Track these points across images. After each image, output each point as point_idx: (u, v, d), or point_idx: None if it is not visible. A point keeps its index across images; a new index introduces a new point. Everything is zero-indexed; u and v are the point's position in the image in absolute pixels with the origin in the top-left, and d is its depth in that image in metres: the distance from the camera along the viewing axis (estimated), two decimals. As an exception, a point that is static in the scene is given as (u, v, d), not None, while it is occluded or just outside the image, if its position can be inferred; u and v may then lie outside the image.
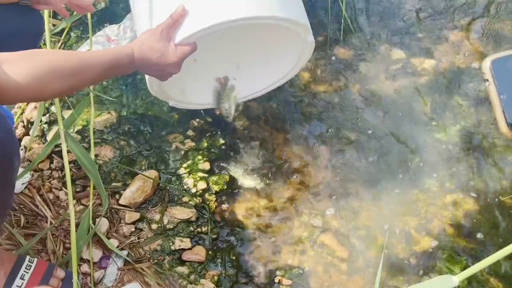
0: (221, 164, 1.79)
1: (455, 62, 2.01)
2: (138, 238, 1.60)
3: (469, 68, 2.00)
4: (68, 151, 1.49)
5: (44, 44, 1.65)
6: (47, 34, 1.59)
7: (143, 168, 1.75)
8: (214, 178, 1.74)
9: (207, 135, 1.84)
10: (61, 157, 1.72)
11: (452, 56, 2.04)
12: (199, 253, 1.58)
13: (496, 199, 1.68)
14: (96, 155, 1.72)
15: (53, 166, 1.72)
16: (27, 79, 0.93)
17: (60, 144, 1.67)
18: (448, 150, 1.79)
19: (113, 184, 1.70)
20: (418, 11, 2.19)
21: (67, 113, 1.78)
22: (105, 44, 1.96)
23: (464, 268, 1.52)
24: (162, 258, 1.56)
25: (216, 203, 1.69)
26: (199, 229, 1.63)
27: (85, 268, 1.49)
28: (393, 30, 2.13)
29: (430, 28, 2.13)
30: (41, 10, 1.41)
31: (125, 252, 1.54)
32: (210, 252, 1.59)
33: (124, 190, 1.67)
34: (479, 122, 1.85)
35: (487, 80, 1.88)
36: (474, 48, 2.05)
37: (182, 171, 1.75)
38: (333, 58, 2.04)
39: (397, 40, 2.10)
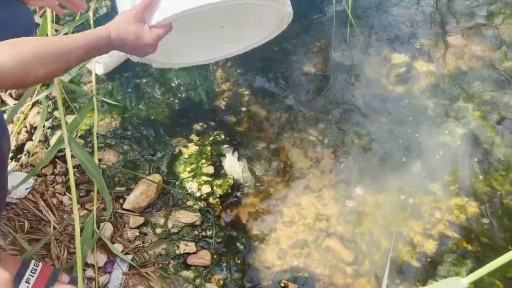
0: (223, 169, 1.79)
1: (458, 66, 2.02)
2: (143, 243, 1.59)
3: (472, 71, 2.01)
4: (72, 156, 1.48)
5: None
6: (50, 39, 1.58)
7: (147, 172, 1.74)
8: (218, 182, 1.73)
9: (211, 139, 1.84)
10: (64, 162, 1.71)
11: (454, 59, 2.04)
12: (204, 257, 1.57)
13: (500, 202, 1.68)
14: (99, 160, 1.72)
15: (56, 171, 1.71)
16: (11, 64, 0.94)
17: (64, 149, 1.67)
18: (451, 154, 1.79)
19: (117, 188, 1.69)
20: (419, 15, 2.20)
21: (70, 118, 1.78)
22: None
23: (470, 271, 1.52)
24: (167, 262, 1.56)
25: (220, 207, 1.68)
26: (203, 233, 1.63)
27: (89, 273, 1.48)
28: (395, 34, 2.14)
29: (432, 32, 2.15)
30: (35, 7, 1.38)
31: (129, 257, 1.54)
32: (215, 256, 1.59)
33: (128, 194, 1.67)
34: (483, 125, 1.85)
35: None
36: (475, 52, 2.06)
37: (186, 175, 1.74)
38: (336, 61, 2.05)
39: (399, 44, 2.11)
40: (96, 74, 1.92)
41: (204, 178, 1.73)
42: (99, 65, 1.94)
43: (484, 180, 1.73)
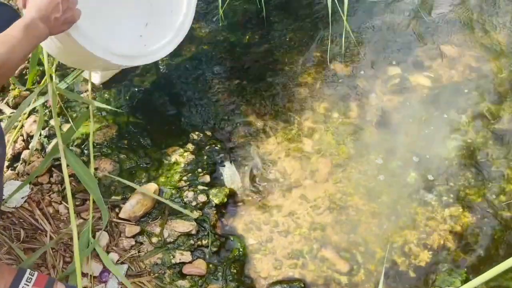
0: (221, 177, 1.79)
1: (452, 77, 2.04)
2: (138, 252, 1.59)
3: (466, 82, 2.03)
4: (68, 165, 1.49)
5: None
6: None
7: (143, 181, 1.74)
8: (214, 191, 1.73)
9: (207, 148, 1.85)
10: (60, 170, 1.71)
11: (448, 71, 2.06)
12: (199, 267, 1.57)
13: (494, 213, 1.69)
14: (95, 169, 1.72)
15: (52, 179, 1.71)
16: None
17: (60, 158, 1.67)
18: (445, 164, 1.81)
19: (113, 197, 1.69)
20: (414, 26, 2.22)
21: (66, 127, 1.78)
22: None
23: (465, 281, 1.53)
24: (163, 271, 1.56)
25: (216, 216, 1.69)
26: (199, 242, 1.63)
27: (85, 282, 1.48)
28: (391, 46, 2.16)
29: (426, 44, 2.17)
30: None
31: (125, 266, 1.54)
32: (210, 266, 1.59)
33: (124, 203, 1.67)
34: (478, 136, 1.87)
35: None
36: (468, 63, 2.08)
37: (182, 184, 1.74)
38: (332, 73, 2.07)
39: (394, 56, 2.13)
40: (92, 84, 1.93)
41: (200, 187, 1.74)
42: (95, 75, 1.95)
43: (478, 191, 1.74)
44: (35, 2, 1.22)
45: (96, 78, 1.95)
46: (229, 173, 1.80)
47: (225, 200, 1.72)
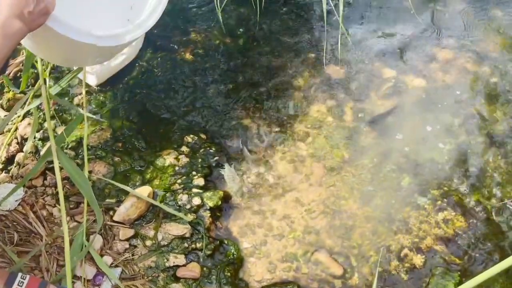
0: (216, 180, 1.80)
1: (446, 80, 2.05)
2: (132, 255, 1.59)
3: (459, 85, 2.04)
4: (62, 168, 1.49)
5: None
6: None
7: (137, 183, 1.74)
8: (209, 194, 1.73)
9: (201, 151, 1.85)
10: (54, 173, 1.71)
11: (442, 74, 2.08)
12: (193, 270, 1.57)
13: (487, 217, 1.70)
14: (89, 172, 1.72)
15: (46, 182, 1.71)
16: None
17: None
18: (439, 168, 1.82)
19: (107, 200, 1.69)
20: (408, 30, 2.24)
21: (61, 129, 1.78)
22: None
23: (458, 284, 1.54)
24: (157, 275, 1.56)
25: (211, 219, 1.69)
26: (193, 245, 1.63)
27: (78, 285, 1.48)
28: (386, 49, 2.18)
29: (420, 47, 2.18)
30: None
31: (119, 269, 1.54)
32: (204, 269, 1.59)
33: (118, 206, 1.67)
34: (471, 140, 1.88)
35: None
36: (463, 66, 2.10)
37: (176, 186, 1.75)
38: (327, 76, 2.08)
39: (388, 59, 2.15)
40: (88, 85, 1.92)
41: (195, 190, 1.74)
42: (91, 76, 1.94)
43: (471, 195, 1.75)
44: (4, 2, 1.19)
45: (92, 79, 1.95)
46: (230, 175, 1.80)
47: (220, 203, 1.72)
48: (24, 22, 1.22)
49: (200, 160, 1.82)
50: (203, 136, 1.90)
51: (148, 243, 1.62)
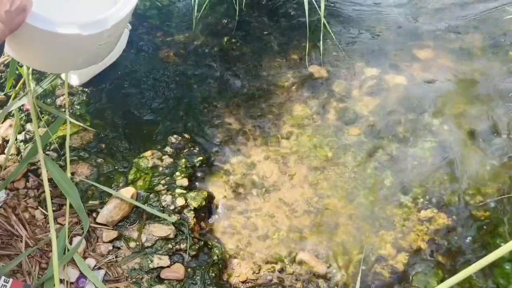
0: (200, 181, 1.79)
1: (427, 78, 2.07)
2: (116, 257, 1.58)
3: (440, 83, 2.06)
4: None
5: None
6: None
7: (121, 185, 1.73)
8: (193, 194, 1.73)
9: (185, 151, 1.85)
10: (37, 175, 1.70)
11: (423, 72, 2.10)
12: (177, 271, 1.57)
13: (469, 214, 1.71)
14: (72, 173, 1.70)
15: (29, 184, 1.69)
16: None
17: (36, 162, 1.66)
18: (421, 166, 1.83)
19: (90, 202, 1.68)
20: (390, 29, 2.25)
21: (42, 131, 1.76)
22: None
23: (441, 281, 1.55)
24: (141, 277, 1.55)
25: (195, 219, 1.68)
26: (177, 246, 1.62)
27: (61, 288, 1.47)
28: (368, 49, 2.19)
29: (401, 46, 2.20)
30: None
31: (102, 272, 1.53)
32: (189, 270, 1.58)
33: (101, 208, 1.66)
34: (452, 138, 1.89)
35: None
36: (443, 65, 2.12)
37: (160, 187, 1.74)
38: (310, 76, 2.08)
39: (371, 58, 2.16)
40: (71, 86, 1.91)
41: (179, 190, 1.73)
42: (74, 76, 1.93)
43: (453, 192, 1.77)
44: None
45: (75, 79, 1.93)
46: None
47: (204, 203, 1.72)
48: (3, 22, 1.21)
49: (183, 160, 1.82)
50: (187, 136, 1.89)
51: (132, 244, 1.61)
